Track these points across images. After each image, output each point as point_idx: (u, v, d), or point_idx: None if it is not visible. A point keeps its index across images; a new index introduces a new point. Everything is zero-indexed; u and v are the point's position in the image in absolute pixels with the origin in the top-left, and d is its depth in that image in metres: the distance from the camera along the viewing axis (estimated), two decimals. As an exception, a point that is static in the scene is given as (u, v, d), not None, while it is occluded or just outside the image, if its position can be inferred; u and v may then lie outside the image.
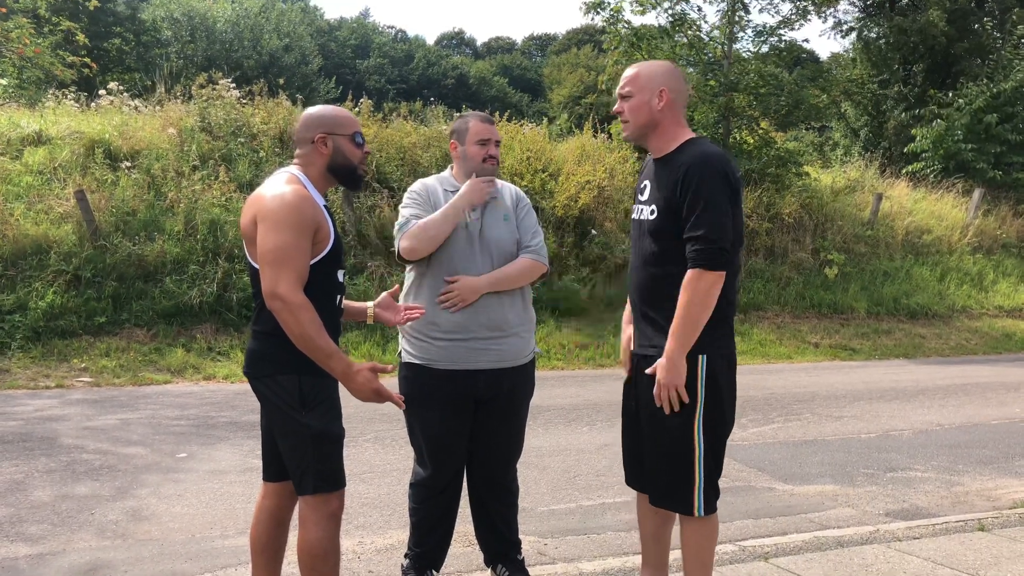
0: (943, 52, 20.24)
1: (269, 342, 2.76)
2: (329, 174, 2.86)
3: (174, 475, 5.12)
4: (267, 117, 11.94)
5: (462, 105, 16.19)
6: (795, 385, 8.78)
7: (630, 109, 2.94)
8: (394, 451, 5.55)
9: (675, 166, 2.86)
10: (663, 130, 2.94)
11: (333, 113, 2.88)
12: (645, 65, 2.98)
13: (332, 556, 2.75)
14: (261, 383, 2.80)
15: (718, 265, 2.74)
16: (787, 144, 15.37)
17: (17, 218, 9.37)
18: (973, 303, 13.68)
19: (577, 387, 8.21)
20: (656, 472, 2.96)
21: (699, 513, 2.89)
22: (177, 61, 27.48)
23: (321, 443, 2.74)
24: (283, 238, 2.62)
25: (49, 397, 7.19)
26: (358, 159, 2.89)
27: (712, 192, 2.75)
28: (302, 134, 2.86)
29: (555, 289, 11.05)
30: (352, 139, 2.86)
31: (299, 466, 2.76)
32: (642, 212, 2.99)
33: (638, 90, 2.92)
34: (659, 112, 2.91)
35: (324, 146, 2.82)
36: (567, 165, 12.59)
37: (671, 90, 2.91)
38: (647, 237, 2.94)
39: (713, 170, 2.78)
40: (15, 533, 4.13)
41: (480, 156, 3.35)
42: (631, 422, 3.11)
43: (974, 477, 5.65)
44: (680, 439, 2.87)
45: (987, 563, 3.95)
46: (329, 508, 2.75)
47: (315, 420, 2.74)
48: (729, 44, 13.98)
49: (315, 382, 2.75)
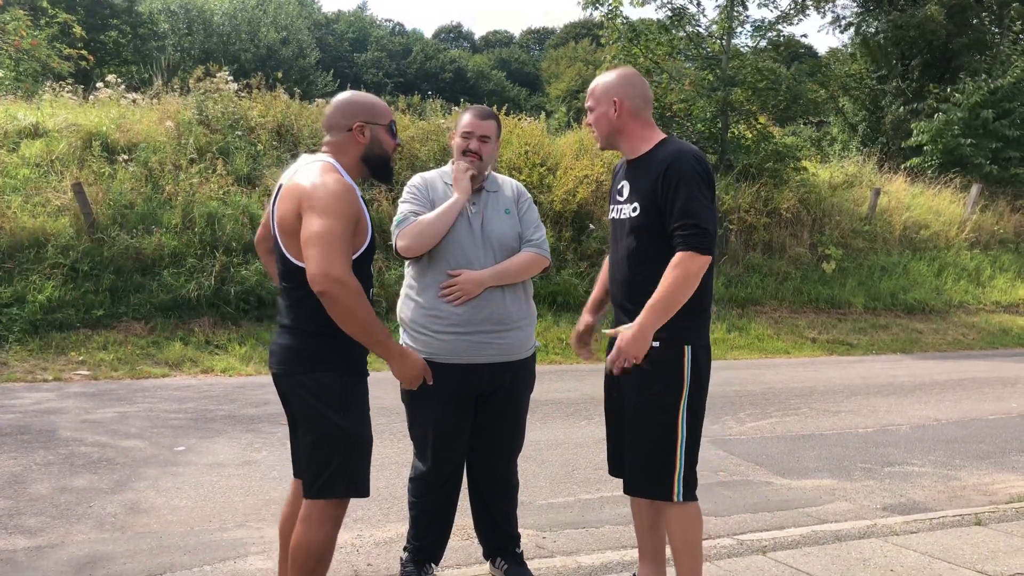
0: (941, 47, 20.24)
1: (309, 340, 2.69)
2: (363, 164, 2.78)
3: (172, 468, 5.12)
4: (265, 110, 11.92)
5: (460, 99, 16.16)
6: (792, 380, 8.79)
7: (593, 121, 3.10)
8: (393, 444, 5.56)
9: (653, 164, 2.95)
10: (629, 135, 3.05)
11: (372, 102, 2.81)
12: (601, 78, 3.10)
13: (328, 557, 2.74)
14: (295, 380, 2.71)
15: (707, 250, 2.83)
16: (785, 139, 15.37)
17: (14, 211, 9.35)
18: (970, 298, 13.71)
19: (575, 381, 8.21)
20: (636, 461, 3.01)
21: (678, 498, 2.95)
22: (174, 54, 27.40)
23: (355, 447, 2.70)
24: (332, 223, 2.52)
25: (47, 390, 7.18)
26: (392, 149, 2.83)
27: (693, 183, 2.85)
28: (337, 120, 2.76)
29: (553, 283, 11.06)
30: (388, 129, 2.80)
31: (325, 468, 2.67)
32: (622, 211, 3.07)
33: (595, 103, 3.07)
34: (618, 120, 3.03)
35: (361, 135, 2.75)
36: (565, 159, 12.59)
37: (626, 97, 3.02)
38: (629, 235, 3.01)
39: (691, 164, 2.89)
40: (14, 526, 4.13)
41: (460, 148, 3.36)
42: (615, 414, 3.15)
43: (971, 472, 5.66)
44: (664, 429, 2.94)
45: (984, 557, 3.96)
46: (336, 512, 2.73)
47: (352, 423, 2.69)
48: (727, 39, 13.97)
49: (355, 383, 2.73)
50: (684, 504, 2.97)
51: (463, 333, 3.23)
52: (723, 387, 7.98)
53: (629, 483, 3.06)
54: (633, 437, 3.01)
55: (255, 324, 9.30)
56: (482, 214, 3.33)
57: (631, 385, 2.97)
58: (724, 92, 13.33)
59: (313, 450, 2.70)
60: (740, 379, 8.66)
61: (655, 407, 2.93)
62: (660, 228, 2.90)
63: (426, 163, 11.27)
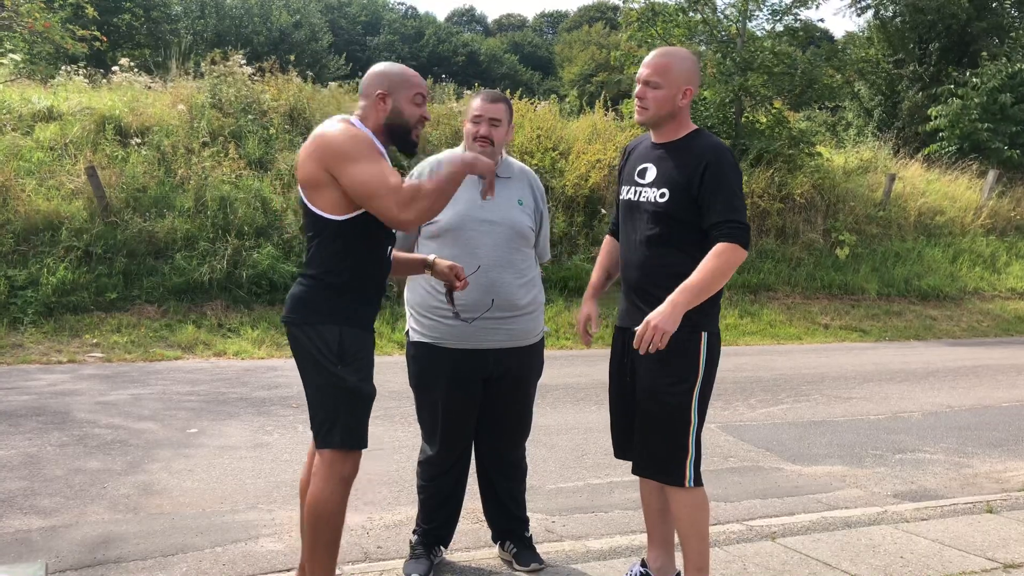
0: (960, 31, 19.98)
1: (315, 290, 2.77)
2: (385, 130, 2.84)
3: (185, 450, 5.16)
4: (277, 94, 11.91)
5: (473, 83, 16.10)
6: (804, 366, 8.76)
7: (654, 99, 2.99)
8: (403, 428, 5.58)
9: (689, 156, 2.96)
10: (679, 121, 3.04)
11: (399, 72, 2.86)
12: (676, 58, 3.01)
13: (336, 519, 2.76)
14: (300, 330, 2.78)
15: (748, 245, 2.89)
16: (799, 124, 15.24)
17: (29, 194, 9.40)
18: (985, 285, 13.59)
19: (585, 366, 8.21)
20: (648, 445, 3.01)
21: (689, 484, 2.97)
22: (186, 36, 27.38)
23: (354, 399, 2.75)
24: (363, 167, 2.64)
25: (61, 372, 7.24)
26: (415, 119, 2.86)
27: (733, 182, 2.91)
28: (366, 88, 2.85)
29: (564, 268, 11.04)
30: (412, 100, 2.84)
31: (327, 418, 2.75)
32: (642, 194, 3.04)
33: (667, 83, 2.97)
34: (680, 108, 3.01)
35: (383, 103, 2.81)
36: (577, 144, 12.52)
37: (694, 85, 3.02)
38: (652, 219, 2.99)
39: (729, 162, 2.94)
40: (29, 506, 4.18)
41: (471, 134, 3.31)
42: (622, 396, 3.14)
43: (983, 459, 5.64)
44: (677, 413, 2.94)
45: (995, 545, 3.95)
46: (343, 470, 2.75)
47: (350, 375, 2.74)
48: (744, 22, 13.84)
49: (356, 335, 2.77)
50: (692, 489, 2.98)
51: (471, 319, 3.22)
52: (734, 373, 7.96)
53: (639, 465, 3.07)
54: (644, 421, 3.01)
55: (267, 307, 9.34)
56: (493, 199, 3.31)
57: (646, 369, 2.97)
58: (742, 77, 13.21)
59: (316, 401, 2.78)
60: (751, 365, 8.63)
61: (669, 392, 2.94)
62: (689, 217, 2.92)
63: (437, 147, 11.25)
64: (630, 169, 3.15)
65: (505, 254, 3.28)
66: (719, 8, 14.04)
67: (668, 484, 3.01)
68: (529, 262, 3.40)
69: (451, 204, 3.27)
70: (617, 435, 3.22)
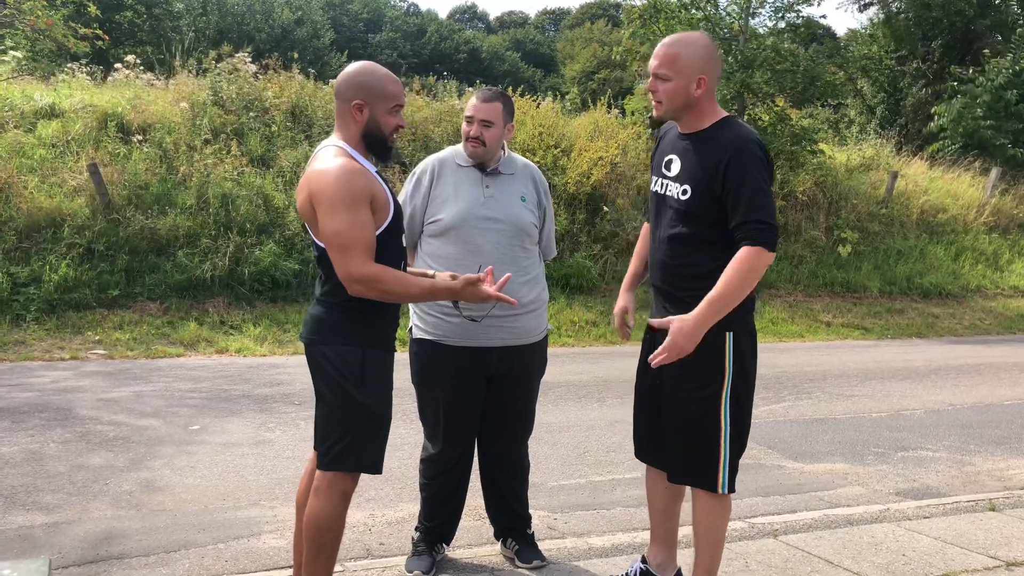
0: (964, 28, 19.94)
1: (335, 311, 2.73)
2: (362, 141, 2.76)
3: (187, 447, 5.16)
4: (279, 91, 11.90)
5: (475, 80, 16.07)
6: (806, 363, 8.75)
7: (665, 92, 2.84)
8: (406, 425, 5.58)
9: (712, 148, 2.80)
10: (699, 111, 2.87)
11: (378, 82, 2.74)
12: (685, 46, 2.83)
13: (337, 531, 2.76)
14: (319, 351, 2.74)
15: (774, 246, 2.72)
16: (802, 121, 15.21)
17: (31, 191, 9.41)
18: (988, 283, 13.57)
19: (588, 364, 8.21)
20: (678, 450, 2.92)
21: (723, 490, 2.87)
22: (188, 34, 27.38)
23: (371, 423, 2.73)
24: (340, 220, 2.58)
25: (64, 369, 7.25)
26: (391, 129, 2.77)
27: (760, 177, 2.74)
28: (341, 92, 2.75)
29: (566, 266, 11.03)
30: (390, 111, 2.76)
31: (340, 440, 2.70)
32: (668, 187, 2.92)
33: (676, 74, 2.80)
34: (696, 98, 2.84)
35: (359, 113, 2.73)
36: (579, 141, 12.50)
37: (711, 74, 2.83)
38: (675, 218, 2.88)
39: (755, 155, 2.76)
40: (31, 502, 4.19)
41: (464, 134, 3.31)
42: (649, 397, 3.04)
43: (986, 457, 5.63)
44: (707, 417, 2.85)
45: (997, 543, 3.95)
46: (345, 486, 2.75)
47: (371, 399, 2.72)
48: (746, 19, 13.81)
49: (378, 357, 2.75)
50: (722, 496, 2.89)
51: (479, 316, 3.22)
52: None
53: (673, 473, 2.97)
54: (673, 422, 2.91)
55: (269, 305, 9.35)
56: (496, 196, 3.31)
57: (669, 372, 2.85)
58: (744, 74, 13.19)
59: (329, 421, 2.74)
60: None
61: (693, 397, 2.84)
62: (711, 215, 2.79)
63: (440, 144, 11.23)
64: (659, 158, 3.01)
65: (508, 252, 3.28)
66: (721, 5, 14.01)
67: (702, 488, 2.91)
68: (532, 259, 3.40)
69: (454, 202, 3.29)
70: (639, 435, 3.14)
